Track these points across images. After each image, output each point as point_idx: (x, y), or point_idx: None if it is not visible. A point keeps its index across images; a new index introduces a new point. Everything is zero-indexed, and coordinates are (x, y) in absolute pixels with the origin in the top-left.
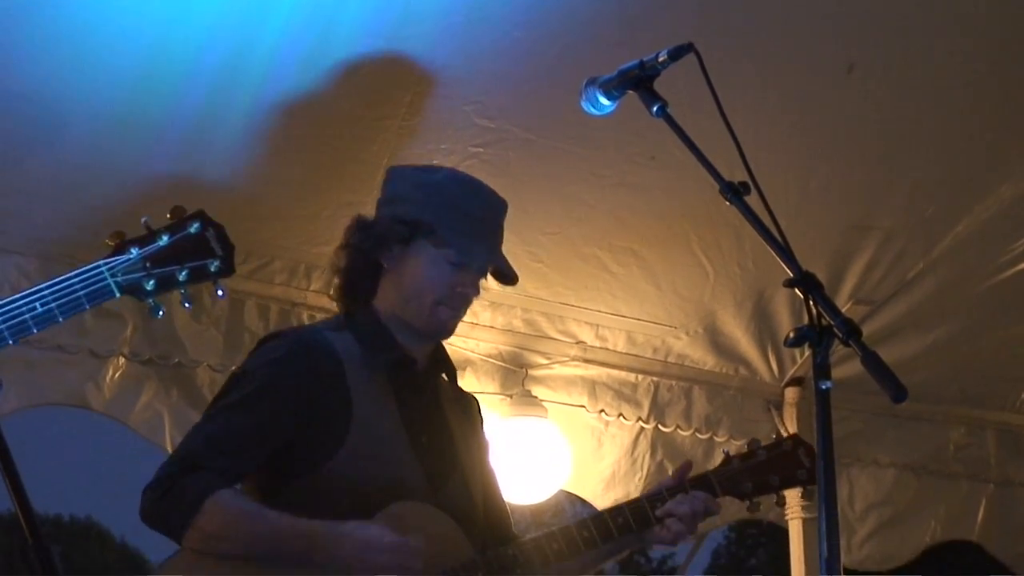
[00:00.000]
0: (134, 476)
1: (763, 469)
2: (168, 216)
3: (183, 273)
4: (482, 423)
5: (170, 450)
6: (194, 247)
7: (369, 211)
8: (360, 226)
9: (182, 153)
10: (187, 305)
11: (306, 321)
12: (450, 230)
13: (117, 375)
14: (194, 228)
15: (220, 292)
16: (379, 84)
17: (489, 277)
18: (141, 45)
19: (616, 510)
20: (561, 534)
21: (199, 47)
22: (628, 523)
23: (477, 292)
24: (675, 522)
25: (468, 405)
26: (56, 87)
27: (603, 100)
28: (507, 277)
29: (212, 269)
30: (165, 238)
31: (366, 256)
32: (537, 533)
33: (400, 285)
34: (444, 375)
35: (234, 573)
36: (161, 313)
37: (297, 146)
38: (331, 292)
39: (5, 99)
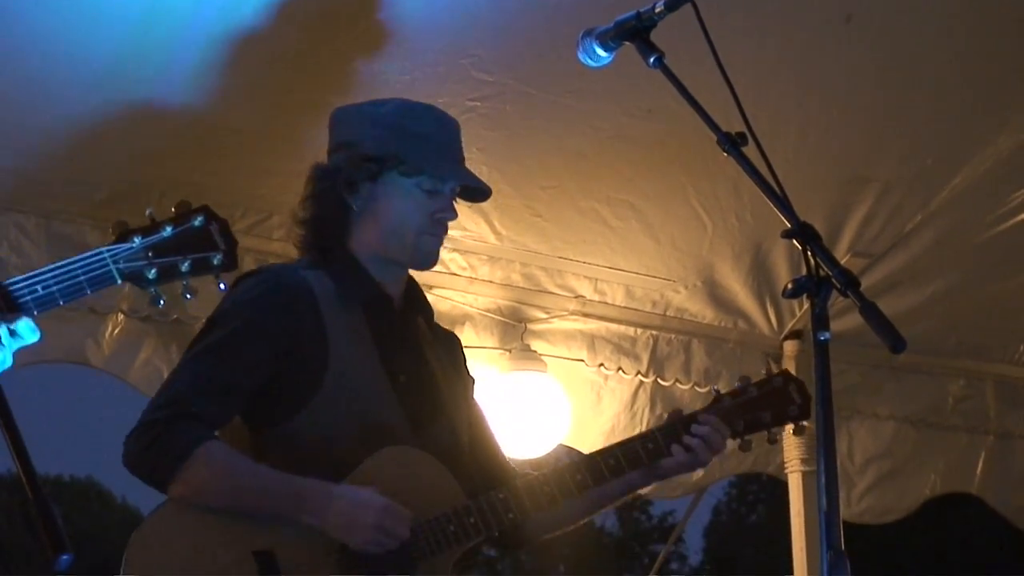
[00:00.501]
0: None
1: (754, 406)
2: (173, 209)
3: (185, 264)
4: (465, 361)
5: None
6: (197, 240)
7: None
8: (323, 173)
9: (189, 108)
10: (188, 296)
11: None
12: (417, 158)
13: (116, 332)
14: (198, 222)
15: (222, 286)
16: (377, 36)
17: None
18: (136, 7)
19: (607, 452)
20: (553, 477)
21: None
22: (620, 465)
23: (455, 215)
24: (680, 451)
25: (449, 343)
26: (48, 43)
27: (600, 52)
28: (480, 193)
29: (215, 262)
30: (168, 230)
31: (335, 201)
32: (529, 475)
33: (375, 224)
34: (421, 314)
35: (219, 526)
36: (162, 303)
37: (297, 104)
38: (297, 244)
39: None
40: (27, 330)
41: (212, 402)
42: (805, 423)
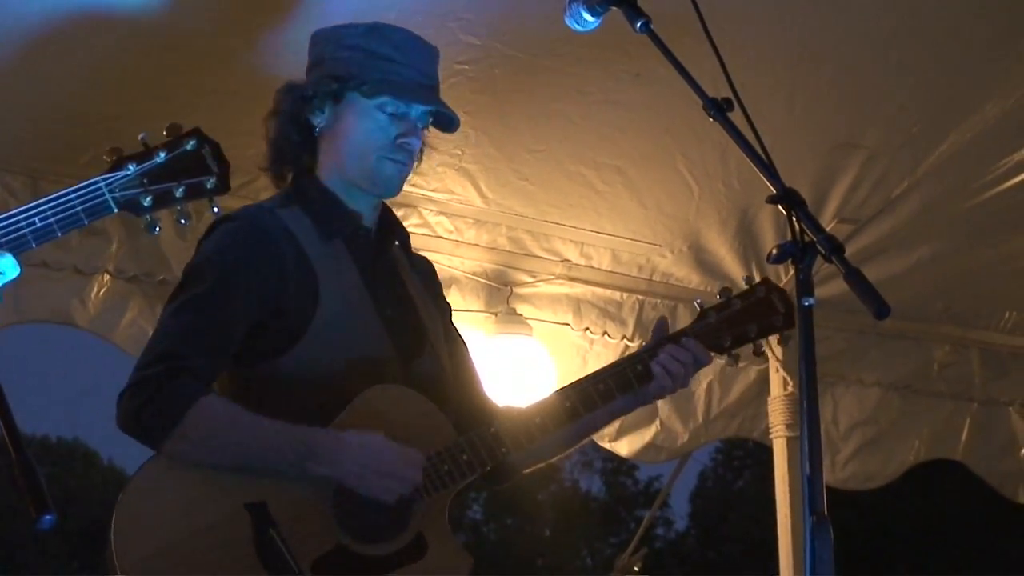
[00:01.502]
0: (116, 395)
1: (739, 319)
2: (164, 133)
3: (180, 190)
4: (440, 288)
5: None
6: (190, 164)
7: None
8: (288, 89)
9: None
10: (183, 222)
11: None
12: (380, 79)
13: (102, 292)
14: (190, 145)
15: (215, 209)
16: (366, 5)
17: (432, 130)
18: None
19: (596, 377)
20: (543, 407)
21: None
22: (610, 390)
23: (420, 142)
24: (660, 372)
25: (425, 271)
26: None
27: (587, 16)
28: (449, 121)
29: (208, 186)
30: (162, 155)
31: (297, 120)
32: (516, 408)
33: (338, 145)
34: (398, 241)
35: (206, 481)
36: (157, 229)
37: (283, 68)
38: (265, 165)
39: None
40: (9, 266)
41: (203, 355)
42: (791, 333)
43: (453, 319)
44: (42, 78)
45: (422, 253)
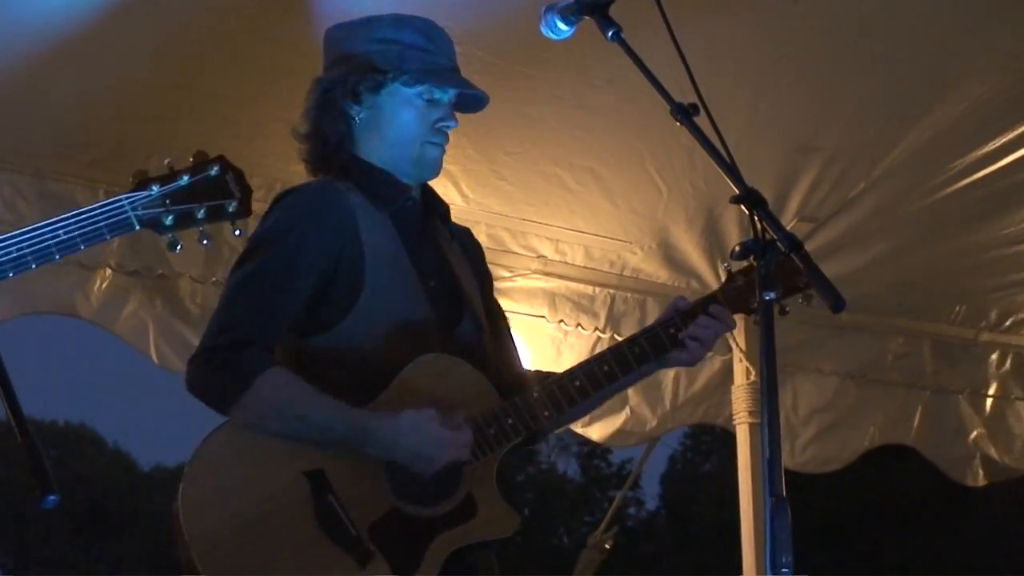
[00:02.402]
0: (122, 383)
1: (765, 284)
2: (190, 159)
3: (201, 211)
4: (481, 254)
5: (155, 357)
6: (213, 188)
7: None
8: (326, 84)
9: (173, 80)
10: (205, 242)
11: None
12: (420, 69)
13: (104, 285)
14: (214, 171)
15: (237, 232)
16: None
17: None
18: None
19: (633, 341)
20: (581, 371)
21: None
22: (646, 352)
23: (455, 123)
24: (695, 344)
25: (465, 240)
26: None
27: (561, 25)
28: (477, 100)
29: (230, 210)
30: (185, 178)
31: (337, 111)
32: (559, 374)
33: (381, 133)
34: (439, 215)
35: (268, 450)
36: (179, 248)
37: (274, 72)
38: (304, 157)
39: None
40: None
41: (269, 323)
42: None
43: (493, 285)
44: (80, 125)
45: None
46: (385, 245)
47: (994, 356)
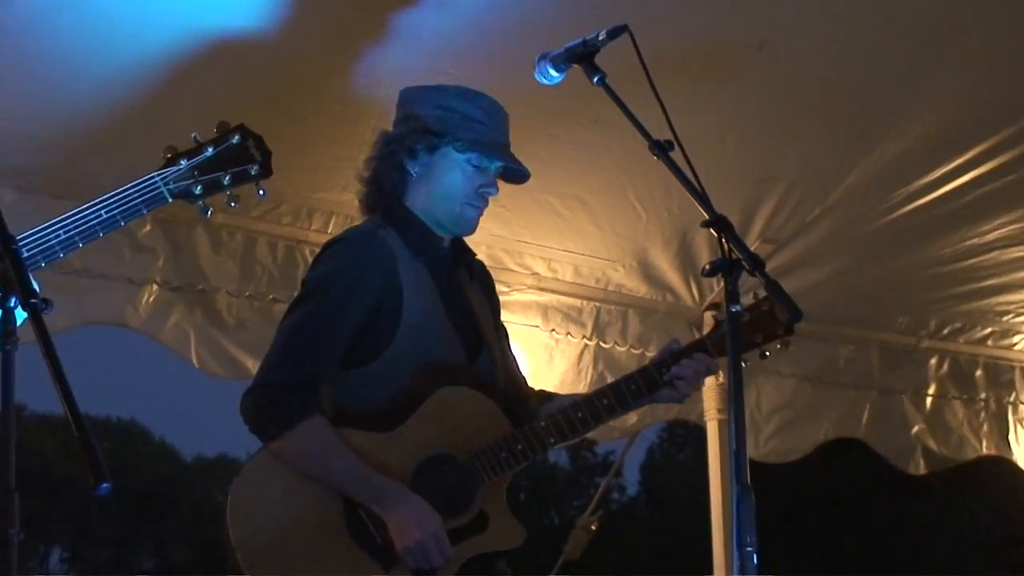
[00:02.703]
0: (167, 384)
1: (748, 329)
2: (214, 130)
3: (227, 178)
4: (493, 288)
5: (195, 361)
6: (236, 155)
7: (359, 164)
8: (388, 139)
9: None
10: (232, 204)
11: (308, 257)
12: (472, 138)
13: (151, 299)
14: (236, 139)
15: (261, 192)
16: (368, 60)
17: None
18: (165, 27)
19: (629, 379)
20: (584, 404)
21: (220, 28)
22: (640, 389)
23: (496, 190)
24: (682, 383)
25: (482, 278)
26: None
27: (552, 72)
28: (521, 175)
29: (252, 173)
30: (210, 149)
31: (396, 164)
32: (564, 403)
33: (430, 189)
34: (464, 262)
35: (304, 481)
36: (209, 213)
37: (301, 112)
38: (361, 199)
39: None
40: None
41: (317, 363)
42: (791, 338)
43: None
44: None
45: None
46: (420, 288)
47: (933, 360)
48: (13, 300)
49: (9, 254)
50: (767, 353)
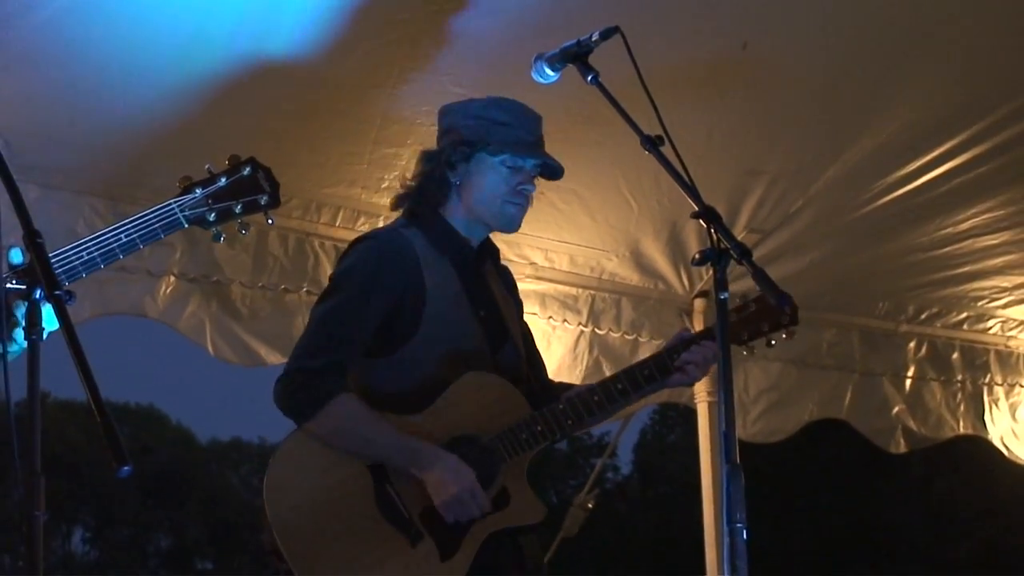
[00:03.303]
0: (184, 371)
1: (754, 319)
2: (226, 163)
3: (238, 207)
4: (516, 288)
5: (211, 350)
6: (247, 186)
7: (365, 161)
8: (429, 157)
9: (222, 117)
10: (243, 232)
11: (318, 249)
12: (502, 141)
13: (169, 290)
14: (247, 171)
15: (270, 221)
16: (373, 60)
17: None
18: (181, 34)
19: (642, 364)
20: (600, 388)
21: (230, 33)
22: (653, 374)
23: (534, 187)
24: (692, 367)
25: (507, 277)
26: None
27: (549, 71)
28: (555, 171)
29: (262, 203)
30: (223, 180)
31: (438, 178)
32: (580, 388)
33: (471, 194)
34: (491, 260)
35: (332, 457)
36: (223, 239)
37: (309, 109)
38: (396, 197)
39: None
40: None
41: (345, 349)
42: (795, 328)
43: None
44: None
45: None
46: (444, 283)
47: (912, 344)
48: (38, 292)
49: (34, 247)
50: (772, 342)
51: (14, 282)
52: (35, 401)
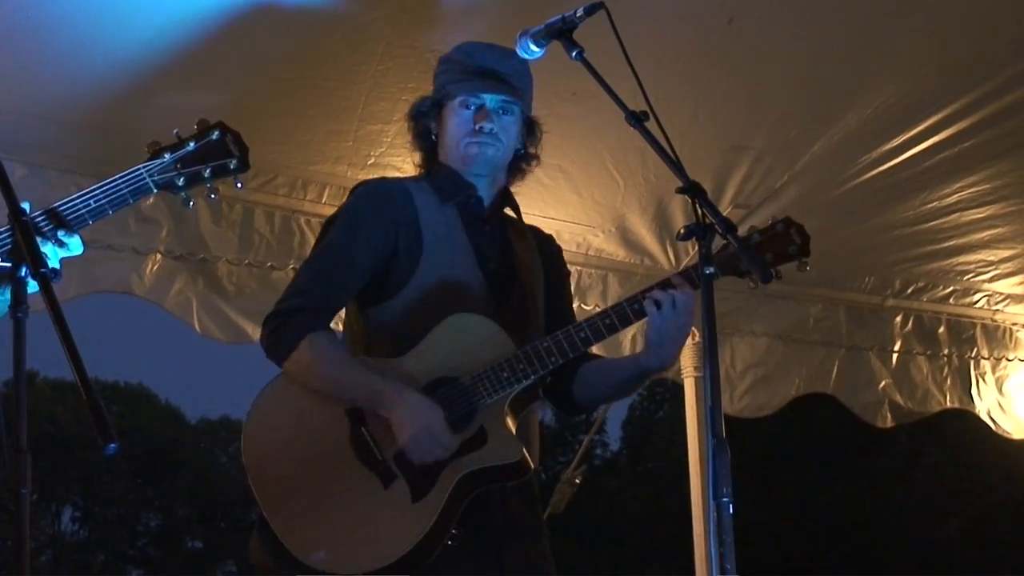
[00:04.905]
0: (171, 350)
1: (759, 250)
2: (195, 127)
3: (207, 171)
4: (560, 258)
5: (198, 328)
6: (216, 150)
7: (351, 138)
8: (410, 111)
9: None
10: (213, 196)
11: (304, 226)
12: (457, 84)
13: (155, 268)
14: (215, 135)
15: (239, 185)
16: (358, 37)
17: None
18: (164, 11)
19: (632, 299)
20: (587, 324)
21: (215, 10)
22: (614, 324)
23: (492, 123)
24: (653, 310)
25: (544, 244)
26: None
27: (533, 47)
28: (509, 102)
29: (232, 167)
30: (192, 144)
31: (423, 132)
32: (569, 326)
33: (443, 141)
34: (509, 214)
35: (316, 393)
36: (192, 204)
37: (295, 86)
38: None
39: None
40: (76, 244)
41: (326, 292)
42: (807, 259)
43: (569, 281)
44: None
45: None
46: (445, 230)
47: (898, 319)
48: (24, 270)
49: (19, 225)
50: (779, 274)
51: None
52: (22, 379)
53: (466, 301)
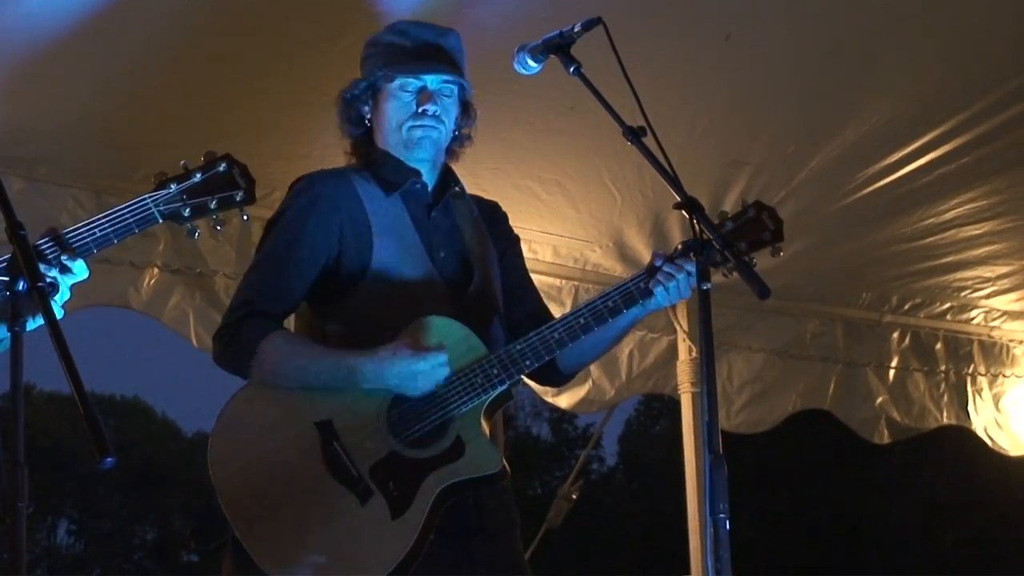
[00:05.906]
0: (168, 363)
1: (733, 239)
2: (202, 159)
3: (213, 202)
4: (506, 223)
5: (195, 342)
6: (222, 182)
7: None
8: (340, 97)
9: (205, 110)
10: (219, 228)
11: None
12: (392, 66)
13: (152, 281)
14: (222, 167)
15: (245, 217)
16: (357, 51)
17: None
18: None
19: (606, 296)
20: (561, 325)
21: (212, 26)
22: (618, 306)
23: (434, 104)
24: (662, 289)
25: (488, 213)
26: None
27: (531, 63)
28: (451, 82)
29: (237, 199)
30: (198, 175)
31: (355, 119)
32: (541, 327)
33: (380, 126)
34: (455, 194)
35: (283, 405)
36: (197, 234)
37: (293, 103)
38: (349, 152)
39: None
40: (81, 268)
41: (272, 298)
42: (781, 245)
43: (519, 246)
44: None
45: None
46: (392, 223)
47: (895, 334)
48: (21, 283)
49: (17, 240)
50: (755, 261)
51: None
52: (18, 392)
53: (422, 299)
